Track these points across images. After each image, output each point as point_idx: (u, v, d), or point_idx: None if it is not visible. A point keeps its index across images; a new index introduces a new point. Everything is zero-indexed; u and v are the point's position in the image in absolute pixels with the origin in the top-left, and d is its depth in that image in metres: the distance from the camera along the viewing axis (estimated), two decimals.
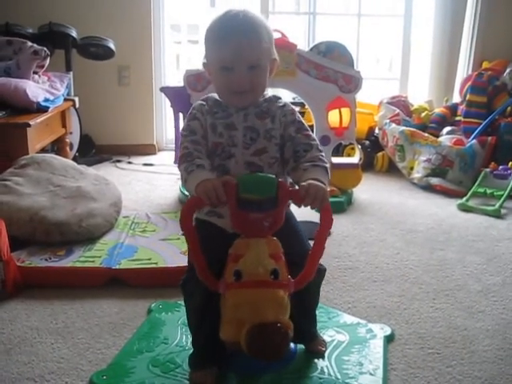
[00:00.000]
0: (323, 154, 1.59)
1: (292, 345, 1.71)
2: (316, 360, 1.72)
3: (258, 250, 1.41)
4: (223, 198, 1.40)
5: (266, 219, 1.43)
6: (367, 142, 4.36)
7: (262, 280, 1.40)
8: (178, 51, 6.63)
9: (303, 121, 1.66)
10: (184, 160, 1.52)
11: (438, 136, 4.16)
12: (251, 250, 1.42)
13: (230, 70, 1.53)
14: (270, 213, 1.44)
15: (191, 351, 1.67)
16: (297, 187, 1.47)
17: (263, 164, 1.58)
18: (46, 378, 1.69)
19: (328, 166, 1.55)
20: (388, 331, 1.93)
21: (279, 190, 1.43)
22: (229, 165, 1.57)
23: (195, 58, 6.45)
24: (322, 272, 1.67)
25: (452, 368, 1.76)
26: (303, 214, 1.66)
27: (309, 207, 1.44)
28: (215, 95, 1.65)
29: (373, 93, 4.77)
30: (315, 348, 1.76)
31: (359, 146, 3.69)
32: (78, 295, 2.21)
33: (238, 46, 1.50)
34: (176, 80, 4.97)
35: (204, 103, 1.63)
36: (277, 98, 1.66)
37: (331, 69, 3.31)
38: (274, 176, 1.47)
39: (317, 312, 1.78)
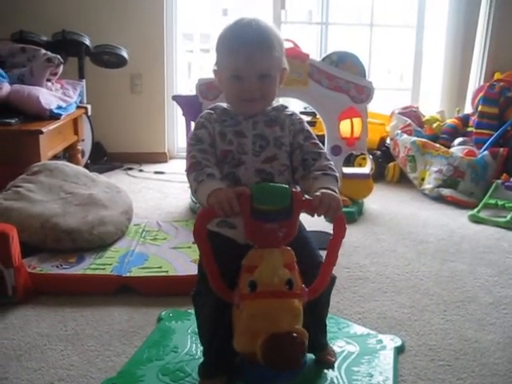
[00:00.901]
0: (332, 162, 1.57)
1: None
2: (326, 371, 1.72)
3: (273, 261, 1.41)
4: (237, 208, 1.39)
5: (281, 229, 1.43)
6: (378, 153, 4.36)
7: (278, 290, 1.39)
8: (190, 60, 6.66)
9: (311, 130, 1.65)
10: (193, 169, 1.51)
11: (449, 147, 4.15)
12: (266, 260, 1.41)
13: (241, 78, 1.54)
14: (284, 223, 1.43)
15: (201, 360, 1.66)
16: (307, 196, 1.47)
17: (274, 171, 1.57)
18: None
19: (338, 175, 1.54)
20: (398, 342, 1.92)
21: (293, 199, 1.42)
22: (238, 172, 1.56)
23: (207, 66, 6.48)
24: (332, 280, 1.66)
25: (463, 381, 1.75)
26: (314, 223, 1.65)
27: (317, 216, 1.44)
28: (223, 104, 1.66)
29: (384, 103, 4.77)
30: (325, 358, 1.75)
31: (370, 156, 3.69)
32: (89, 302, 2.22)
33: (249, 55, 1.51)
34: (187, 88, 5.00)
35: (212, 112, 1.63)
36: (284, 107, 1.67)
37: (343, 79, 3.32)
38: (287, 186, 1.46)
39: (327, 322, 1.77)
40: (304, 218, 1.56)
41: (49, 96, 3.34)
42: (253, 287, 1.40)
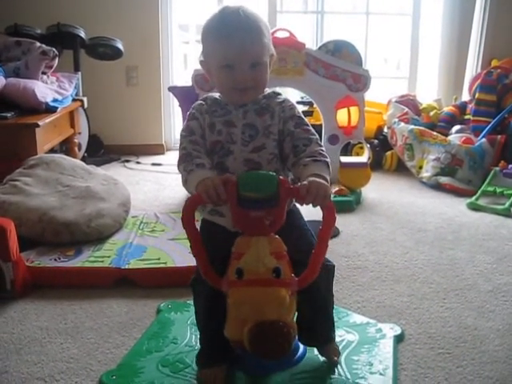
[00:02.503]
0: (323, 148, 1.55)
1: (302, 345, 1.70)
2: (325, 360, 1.71)
3: (259, 248, 1.40)
4: (223, 196, 1.39)
5: (267, 217, 1.42)
6: (376, 141, 4.35)
7: (263, 278, 1.38)
8: (186, 51, 6.63)
9: (303, 116, 1.63)
10: (183, 160, 1.52)
11: (447, 135, 4.14)
12: (252, 247, 1.40)
13: (232, 67, 1.52)
14: (271, 211, 1.42)
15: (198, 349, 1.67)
16: (298, 184, 1.46)
17: (261, 160, 1.56)
18: (56, 377, 1.69)
19: (329, 160, 1.52)
20: (398, 331, 1.92)
21: (280, 187, 1.41)
22: (227, 162, 1.56)
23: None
24: (331, 269, 1.64)
25: (462, 368, 1.75)
26: (312, 213, 1.64)
27: (311, 205, 1.42)
28: (215, 94, 1.65)
29: (381, 92, 4.76)
30: (329, 356, 1.71)
31: (368, 145, 3.68)
32: (87, 295, 2.21)
33: (241, 43, 1.49)
34: (184, 80, 4.98)
35: (203, 102, 1.63)
36: (276, 94, 1.64)
37: (340, 68, 3.31)
38: (274, 174, 1.45)
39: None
40: (302, 207, 1.56)
41: (44, 89, 3.33)
42: (240, 274, 1.40)
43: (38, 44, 3.52)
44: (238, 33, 1.49)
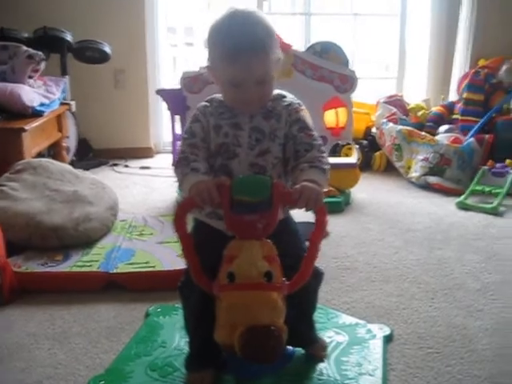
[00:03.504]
0: (324, 155, 1.54)
1: (290, 347, 1.70)
2: (315, 362, 1.71)
3: (251, 252, 1.40)
4: (216, 199, 1.39)
5: (260, 221, 1.42)
6: (364, 142, 4.36)
7: (255, 282, 1.38)
8: (175, 54, 6.63)
9: (307, 120, 1.61)
10: (180, 164, 1.52)
11: (435, 135, 4.15)
12: (244, 251, 1.40)
13: (239, 85, 1.50)
14: (264, 214, 1.42)
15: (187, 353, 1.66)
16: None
17: (266, 164, 1.55)
18: (44, 383, 1.68)
19: (327, 167, 1.51)
20: (387, 331, 1.92)
21: (273, 191, 1.41)
22: (231, 165, 1.55)
23: (191, 60, 6.45)
24: (319, 276, 1.65)
25: (451, 367, 1.75)
26: (303, 214, 1.64)
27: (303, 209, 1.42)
28: (220, 96, 1.62)
29: (370, 92, 4.77)
30: (316, 352, 1.74)
31: (356, 146, 3.69)
32: (76, 300, 2.20)
33: (247, 65, 1.46)
34: (173, 82, 4.97)
35: (208, 104, 1.61)
36: (281, 96, 1.63)
37: (327, 69, 3.31)
38: (268, 178, 1.45)
39: (315, 313, 1.75)
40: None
41: (31, 93, 3.31)
42: (231, 278, 1.39)
43: (25, 48, 3.49)
44: (244, 54, 1.45)
